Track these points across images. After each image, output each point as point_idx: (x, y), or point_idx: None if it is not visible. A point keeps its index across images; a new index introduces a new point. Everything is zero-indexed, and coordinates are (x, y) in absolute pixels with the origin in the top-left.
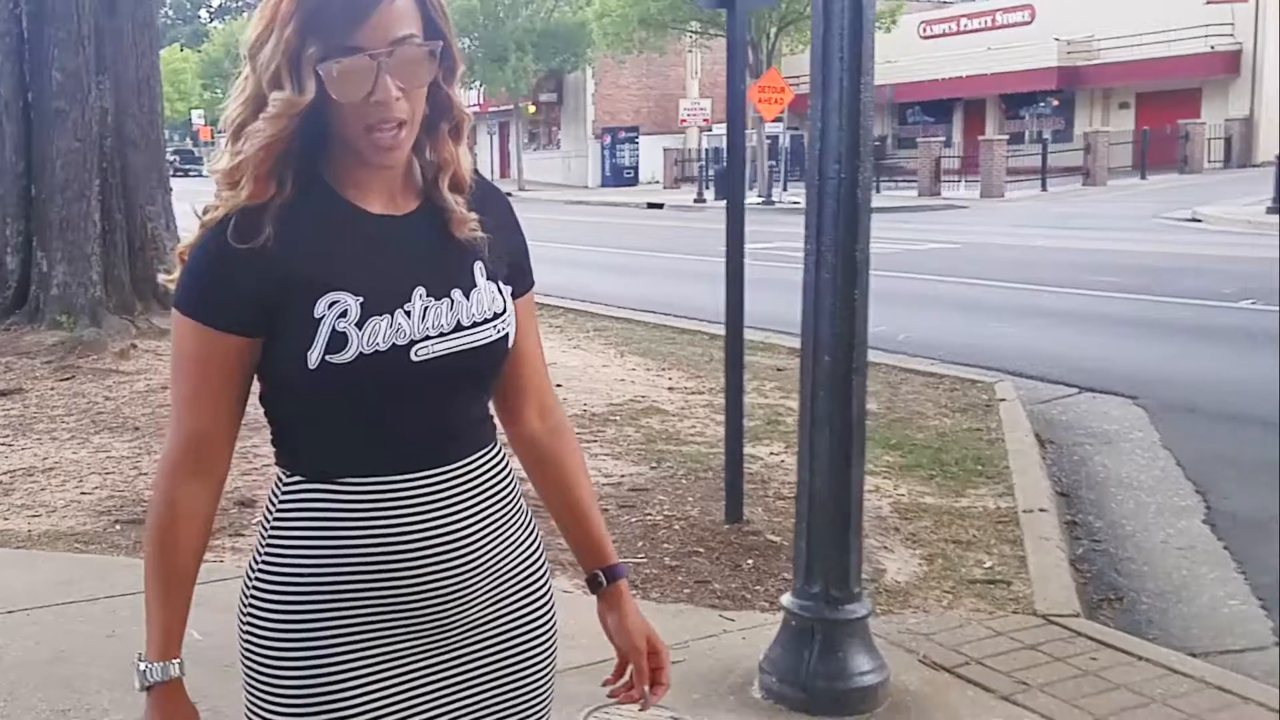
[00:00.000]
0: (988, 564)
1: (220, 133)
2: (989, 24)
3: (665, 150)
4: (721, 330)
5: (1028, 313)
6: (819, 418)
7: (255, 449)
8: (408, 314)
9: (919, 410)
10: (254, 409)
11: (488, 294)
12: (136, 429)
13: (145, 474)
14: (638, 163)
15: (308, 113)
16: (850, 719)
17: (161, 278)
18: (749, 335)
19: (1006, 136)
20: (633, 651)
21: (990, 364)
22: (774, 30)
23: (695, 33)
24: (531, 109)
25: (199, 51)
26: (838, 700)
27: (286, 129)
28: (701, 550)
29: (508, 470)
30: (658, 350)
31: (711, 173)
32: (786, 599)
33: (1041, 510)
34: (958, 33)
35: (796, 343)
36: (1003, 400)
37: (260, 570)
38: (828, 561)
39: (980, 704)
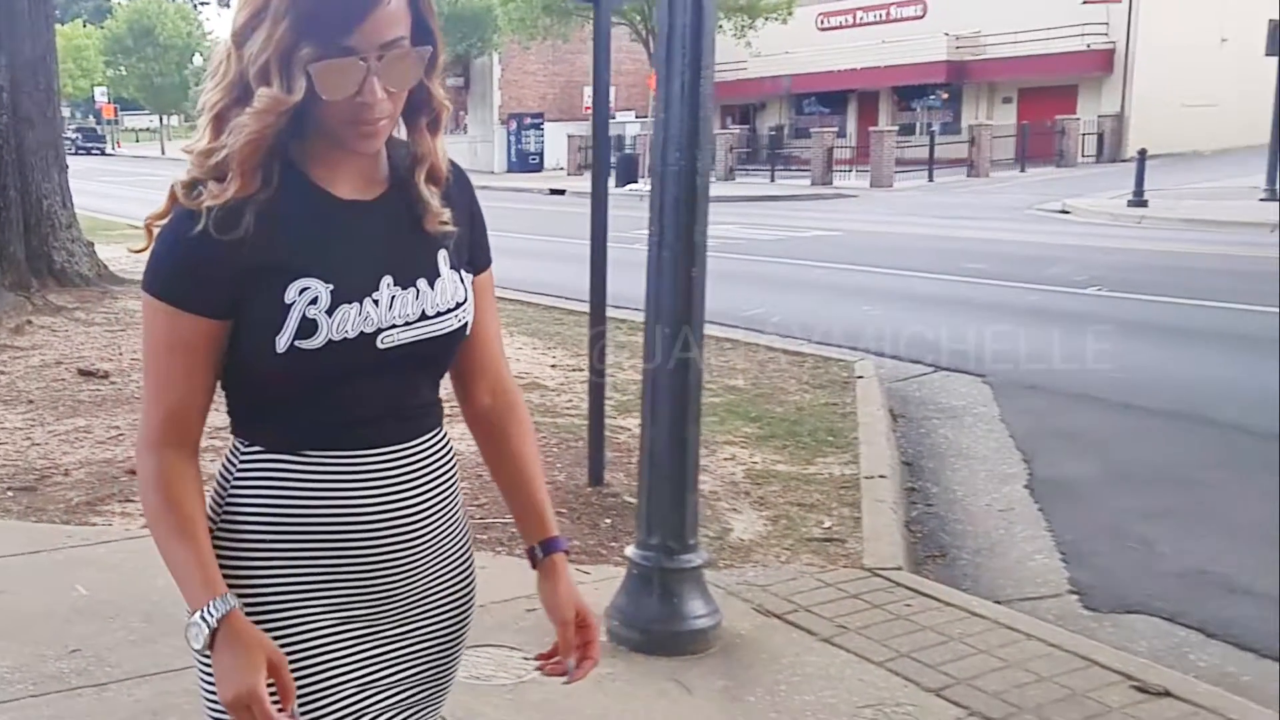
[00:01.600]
0: (826, 524)
1: (197, 112)
2: (884, 18)
3: (570, 137)
4: (625, 314)
5: (896, 296)
6: (659, 386)
7: None
8: (376, 303)
9: (782, 386)
10: None
11: (451, 283)
12: (31, 402)
13: (38, 444)
14: (543, 149)
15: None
16: (685, 658)
17: (128, 250)
18: (630, 316)
19: (897, 128)
20: (561, 623)
21: (855, 344)
22: None
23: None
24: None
25: (102, 28)
26: (674, 642)
27: (273, 126)
28: (565, 511)
29: (452, 452)
30: (545, 330)
31: (613, 160)
32: (630, 550)
33: (881, 477)
34: (854, 25)
35: None
36: (860, 377)
37: (216, 538)
38: (666, 516)
39: (802, 644)
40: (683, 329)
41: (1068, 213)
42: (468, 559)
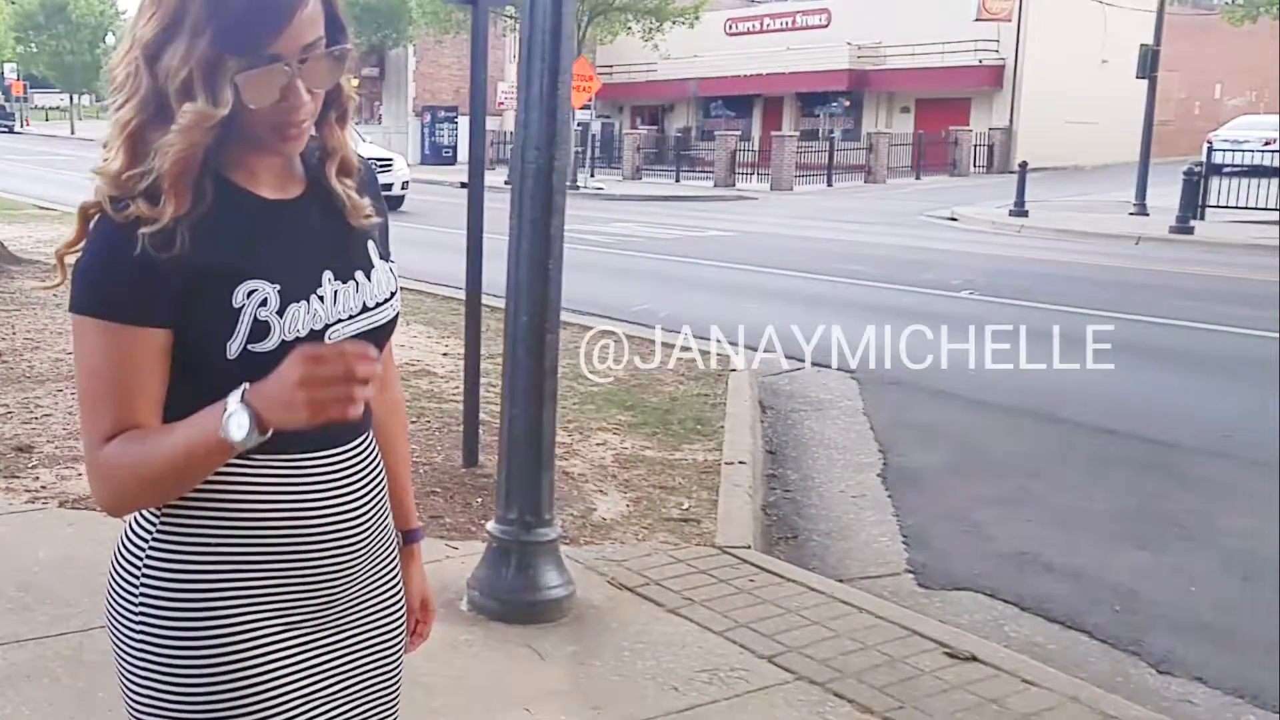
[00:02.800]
0: (685, 506)
1: (112, 128)
2: (789, 25)
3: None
4: (500, 303)
5: (778, 295)
6: (517, 369)
7: (37, 400)
8: (321, 299)
9: (659, 378)
10: (37, 364)
11: (383, 273)
12: None
13: None
14: (456, 142)
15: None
16: (539, 626)
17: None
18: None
19: (798, 133)
20: (408, 610)
21: (735, 340)
22: (584, 20)
23: (511, 17)
24: (354, 81)
25: (13, 3)
26: (529, 611)
27: (202, 141)
28: (439, 490)
29: (379, 454)
30: (441, 320)
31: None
32: (490, 525)
33: (741, 463)
34: (761, 31)
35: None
36: (734, 371)
37: (156, 544)
38: (524, 492)
39: (649, 615)
40: (541, 316)
41: (955, 220)
42: (395, 557)
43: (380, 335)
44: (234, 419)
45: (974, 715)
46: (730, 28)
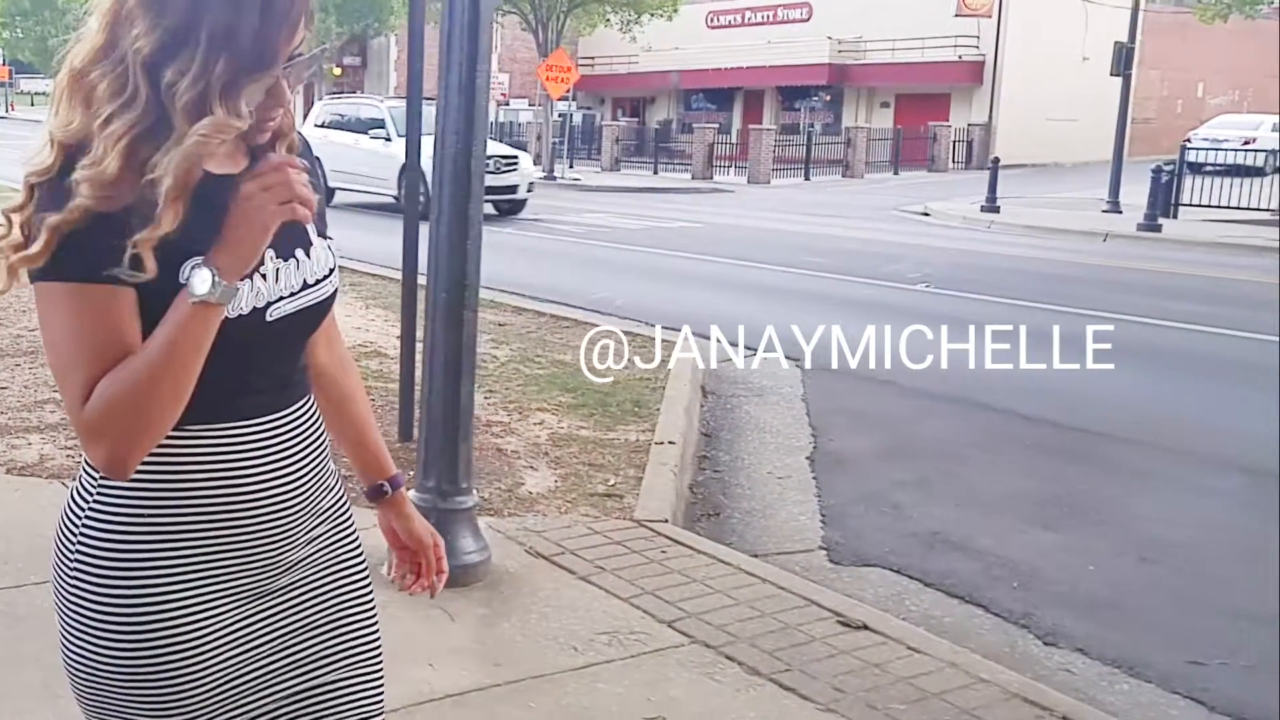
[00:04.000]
0: (611, 482)
1: (101, 141)
2: (770, 19)
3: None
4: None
5: (736, 285)
6: (436, 344)
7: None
8: (264, 276)
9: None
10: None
11: (321, 250)
12: None
13: None
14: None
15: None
16: (453, 590)
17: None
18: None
19: (776, 127)
20: (424, 548)
21: (691, 328)
22: (563, 12)
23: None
24: (337, 70)
25: None
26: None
27: (212, 150)
28: None
29: (320, 418)
30: (399, 304)
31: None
32: (410, 492)
33: (670, 443)
34: (742, 25)
35: (522, 301)
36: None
37: (95, 506)
38: (441, 462)
39: (561, 582)
40: (459, 294)
41: (928, 215)
42: (346, 514)
43: (321, 311)
44: (195, 276)
45: (856, 678)
46: (712, 21)
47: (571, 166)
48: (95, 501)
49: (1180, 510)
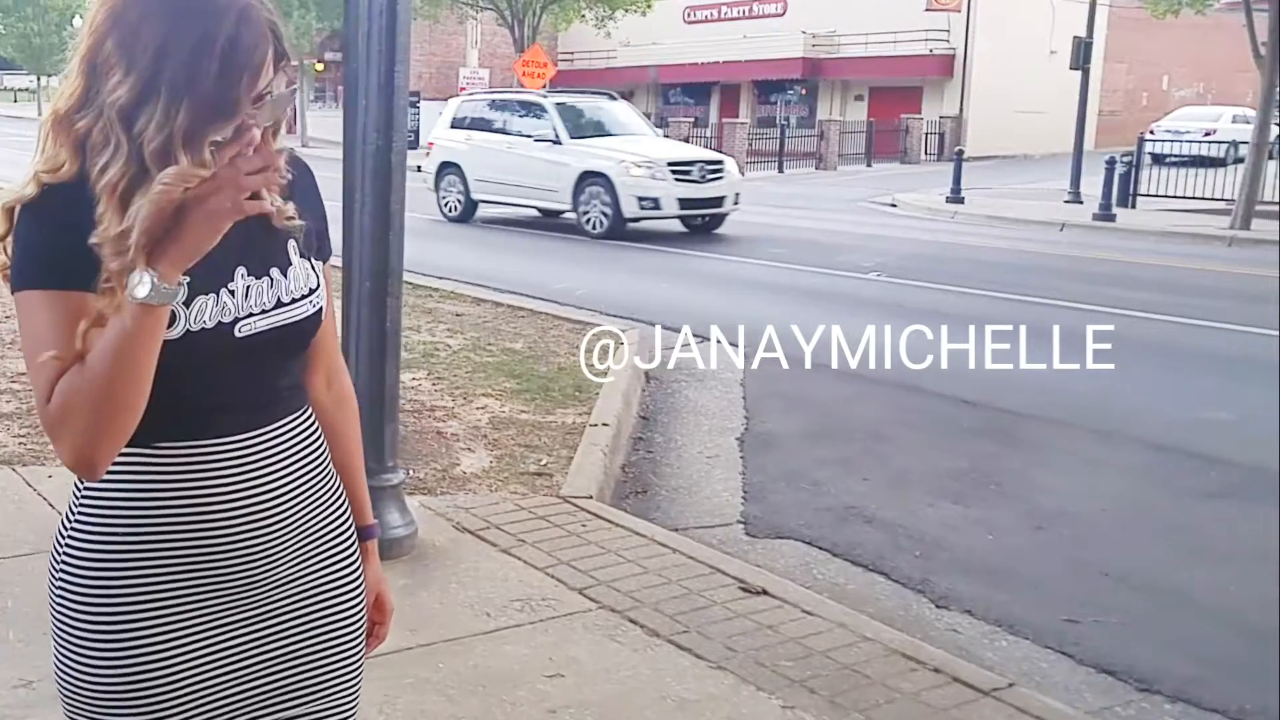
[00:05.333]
0: (543, 462)
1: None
2: (746, 13)
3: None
4: (422, 280)
5: (694, 277)
6: (360, 329)
7: None
8: (231, 293)
9: (554, 349)
10: None
11: (302, 271)
12: None
13: None
14: (419, 126)
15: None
16: (383, 562)
17: None
18: (442, 285)
19: (750, 121)
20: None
21: (642, 317)
22: (539, 7)
23: (467, 4)
24: (319, 66)
25: None
26: None
27: (179, 197)
28: None
29: (317, 432)
30: None
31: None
32: None
33: (604, 425)
34: (718, 20)
35: (481, 293)
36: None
37: (74, 528)
38: (368, 441)
39: (483, 554)
40: (382, 282)
41: (895, 206)
42: (345, 541)
43: (300, 330)
44: (133, 278)
45: (748, 638)
46: (689, 16)
47: None
48: (79, 512)
49: (1079, 484)
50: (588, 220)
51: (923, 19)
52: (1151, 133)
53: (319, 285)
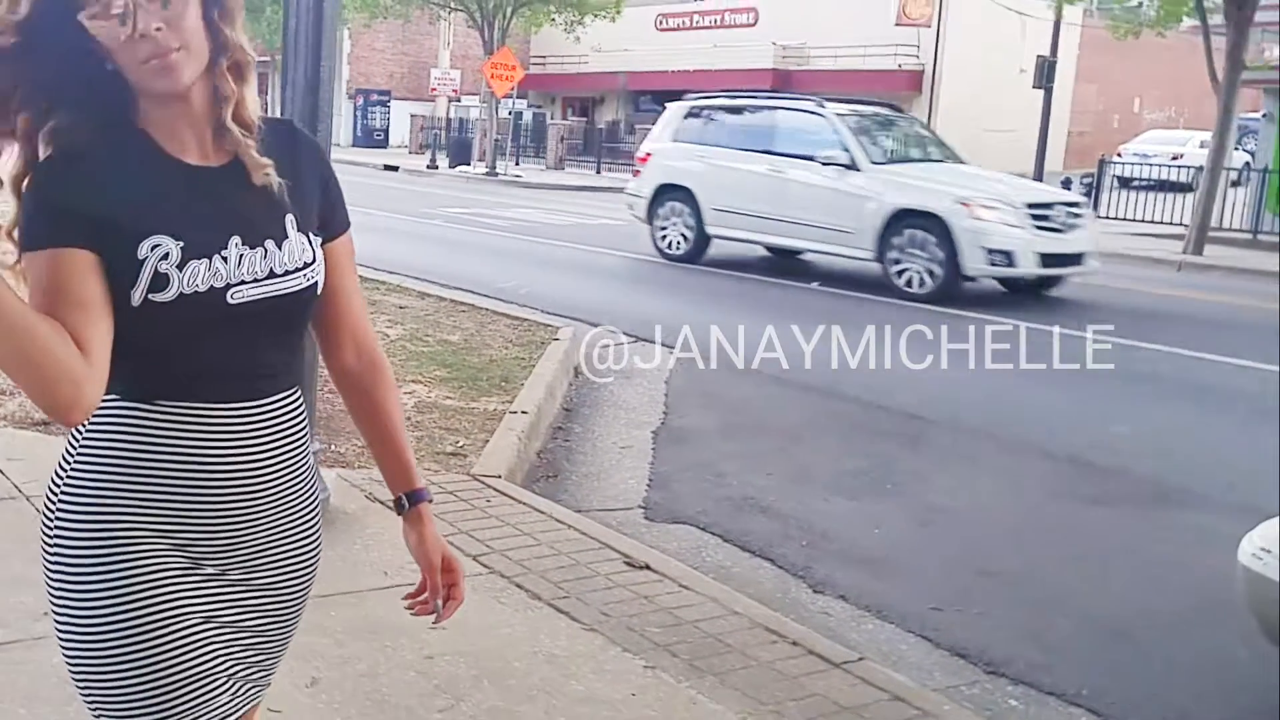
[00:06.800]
0: (460, 444)
1: None
2: (718, 22)
3: (413, 116)
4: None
5: (640, 279)
6: None
7: None
8: (224, 260)
9: (488, 343)
10: None
11: (298, 245)
12: None
13: None
14: (389, 126)
15: (88, 59)
16: None
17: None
18: (389, 279)
19: None
20: (429, 568)
21: (581, 316)
22: (509, 10)
23: (439, 4)
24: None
25: None
26: None
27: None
28: None
29: (304, 413)
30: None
31: (444, 142)
32: None
33: (523, 413)
34: (690, 28)
35: (427, 287)
36: (557, 340)
37: (70, 480)
38: None
39: (390, 521)
40: None
41: None
42: (315, 519)
43: (294, 302)
44: None
45: (624, 606)
46: (661, 23)
47: (518, 164)
48: (70, 476)
49: (969, 485)
50: (902, 275)
51: (892, 34)
52: (1119, 155)
53: (315, 260)
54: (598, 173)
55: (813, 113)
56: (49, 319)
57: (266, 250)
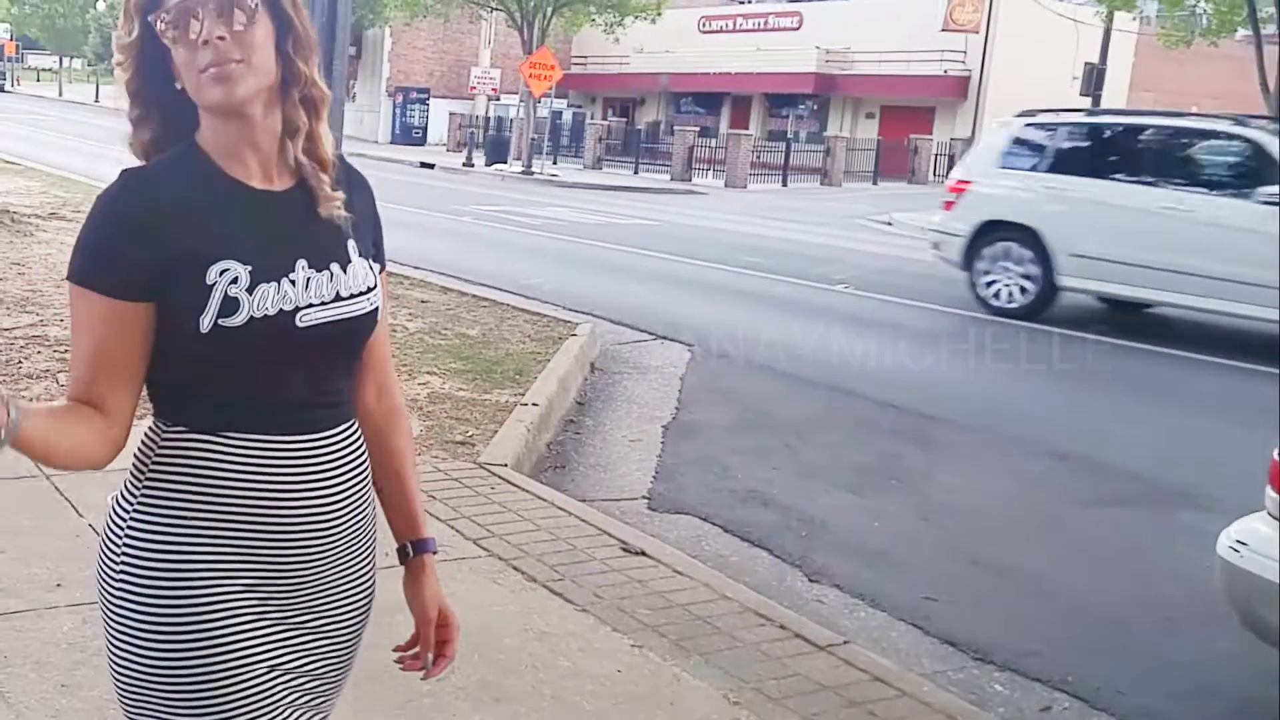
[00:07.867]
0: (470, 433)
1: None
2: (762, 25)
3: (451, 114)
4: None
5: (663, 278)
6: None
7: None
8: (293, 282)
9: (506, 337)
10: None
11: (361, 269)
12: None
13: None
14: (427, 123)
15: (158, 71)
16: None
17: None
18: (413, 274)
19: (756, 133)
20: (423, 621)
21: (600, 313)
22: (549, 10)
23: (479, 3)
24: None
25: None
26: None
27: (129, 63)
28: None
29: (364, 447)
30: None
31: (481, 140)
32: None
33: (534, 405)
34: (734, 31)
35: (450, 283)
36: (574, 336)
37: (137, 513)
38: None
39: None
40: None
41: (890, 224)
42: (372, 554)
43: (356, 326)
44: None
45: (617, 589)
46: (704, 25)
47: (555, 163)
48: (138, 509)
49: (974, 483)
50: None
51: (939, 39)
52: None
53: (376, 284)
54: (635, 173)
55: (1228, 133)
56: (66, 418)
57: (332, 273)
